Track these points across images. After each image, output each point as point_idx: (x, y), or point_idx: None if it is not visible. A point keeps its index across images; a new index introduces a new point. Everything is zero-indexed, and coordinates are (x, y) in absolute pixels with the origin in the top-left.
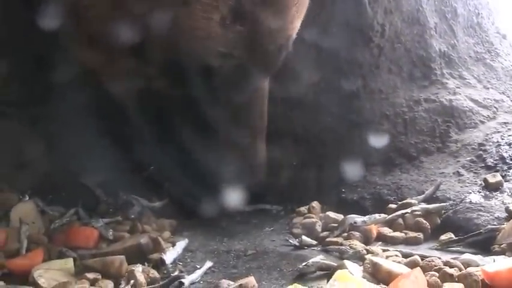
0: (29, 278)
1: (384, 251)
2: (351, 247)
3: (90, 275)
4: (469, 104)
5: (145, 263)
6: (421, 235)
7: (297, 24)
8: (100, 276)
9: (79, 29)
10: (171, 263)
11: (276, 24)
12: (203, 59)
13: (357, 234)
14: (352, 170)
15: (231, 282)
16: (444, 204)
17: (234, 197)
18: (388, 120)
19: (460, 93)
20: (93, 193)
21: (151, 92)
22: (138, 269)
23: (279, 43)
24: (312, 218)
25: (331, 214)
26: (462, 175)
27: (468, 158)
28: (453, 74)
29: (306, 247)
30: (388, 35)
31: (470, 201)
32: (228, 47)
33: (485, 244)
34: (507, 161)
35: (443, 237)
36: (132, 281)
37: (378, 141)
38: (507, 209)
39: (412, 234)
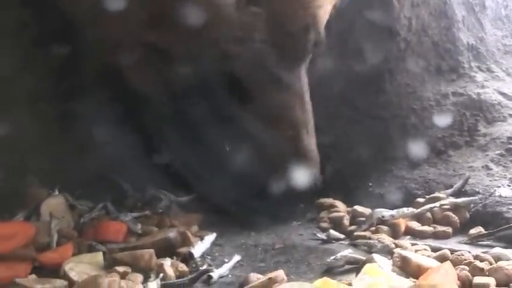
0: (60, 271)
1: (412, 245)
2: (379, 241)
3: (120, 268)
4: (498, 98)
5: (174, 257)
6: (449, 229)
7: (325, 2)
8: (130, 270)
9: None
10: (200, 257)
11: (297, 2)
12: (222, 47)
13: (385, 228)
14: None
15: (260, 276)
16: (473, 198)
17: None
18: (415, 114)
19: (488, 87)
20: (121, 188)
21: (179, 91)
22: (167, 262)
23: (304, 23)
24: (340, 212)
25: (359, 208)
26: (491, 169)
27: (497, 152)
28: (481, 67)
29: (333, 241)
30: (415, 29)
31: (500, 195)
32: (246, 30)
33: None
34: None
35: (472, 231)
36: (161, 274)
37: (405, 135)
38: None
39: (440, 228)
